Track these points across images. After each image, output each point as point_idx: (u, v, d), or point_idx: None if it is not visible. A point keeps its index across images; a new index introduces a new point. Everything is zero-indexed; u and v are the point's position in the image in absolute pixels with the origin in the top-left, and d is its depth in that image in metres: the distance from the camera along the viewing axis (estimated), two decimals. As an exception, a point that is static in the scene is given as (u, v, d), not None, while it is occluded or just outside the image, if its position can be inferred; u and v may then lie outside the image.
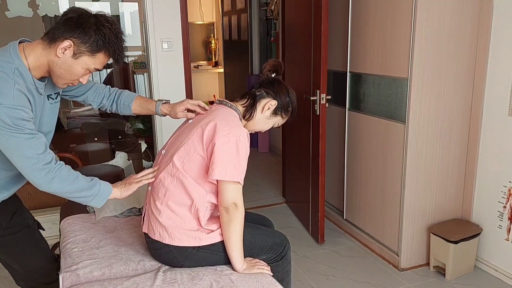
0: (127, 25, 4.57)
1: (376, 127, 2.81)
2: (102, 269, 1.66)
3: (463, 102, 2.61)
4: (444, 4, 2.40)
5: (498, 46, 2.45)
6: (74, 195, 1.50)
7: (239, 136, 1.54)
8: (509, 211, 2.49)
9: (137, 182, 1.65)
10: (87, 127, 3.87)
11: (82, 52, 1.38)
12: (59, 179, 1.44)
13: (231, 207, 1.55)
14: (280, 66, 1.81)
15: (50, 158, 1.43)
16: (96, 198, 1.53)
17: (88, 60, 1.41)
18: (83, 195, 1.51)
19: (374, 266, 2.78)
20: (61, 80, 1.45)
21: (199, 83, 6.44)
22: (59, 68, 1.41)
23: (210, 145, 1.54)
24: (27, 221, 1.80)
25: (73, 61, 1.40)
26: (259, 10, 5.51)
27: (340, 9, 3.05)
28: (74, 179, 1.48)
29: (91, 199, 1.53)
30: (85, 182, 1.51)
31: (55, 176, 1.43)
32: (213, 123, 1.57)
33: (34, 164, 1.39)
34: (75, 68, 1.41)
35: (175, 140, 1.70)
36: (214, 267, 1.66)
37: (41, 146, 1.41)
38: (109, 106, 1.85)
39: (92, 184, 1.53)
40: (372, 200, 2.93)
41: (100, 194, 1.54)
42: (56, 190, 1.46)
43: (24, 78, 1.39)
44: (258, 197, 3.94)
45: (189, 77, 3.19)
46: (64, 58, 1.39)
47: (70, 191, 1.48)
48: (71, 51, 1.38)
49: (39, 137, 1.41)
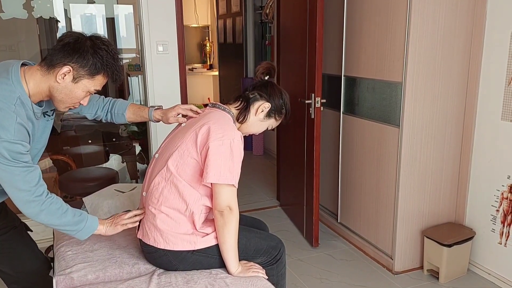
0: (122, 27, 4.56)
1: (371, 131, 2.82)
2: (96, 272, 1.65)
3: (457, 107, 2.63)
4: (438, 9, 2.42)
5: (491, 50, 2.47)
6: (60, 229, 1.55)
7: (233, 139, 1.54)
8: (502, 214, 2.51)
9: (122, 225, 1.66)
10: (81, 129, 3.85)
11: (82, 76, 1.41)
12: (48, 212, 1.47)
13: (225, 211, 1.55)
14: (273, 68, 1.82)
15: (42, 190, 1.45)
16: (80, 233, 1.57)
17: (88, 83, 1.43)
18: (68, 229, 1.55)
19: (368, 269, 2.79)
20: (63, 104, 1.47)
21: (194, 86, 6.44)
22: (60, 93, 1.43)
23: (204, 148, 1.54)
24: (13, 223, 1.79)
25: (74, 86, 1.42)
26: (254, 13, 5.53)
27: (335, 13, 3.06)
28: (62, 213, 1.51)
29: (75, 233, 1.56)
30: (72, 217, 1.54)
31: (44, 209, 1.46)
32: (207, 126, 1.57)
33: (25, 196, 1.42)
34: (75, 92, 1.43)
35: (169, 144, 1.69)
36: (209, 271, 1.65)
37: (35, 178, 1.43)
38: (104, 116, 1.87)
39: (78, 220, 1.55)
40: (366, 203, 2.94)
41: (85, 230, 1.58)
42: (43, 222, 1.49)
43: (25, 106, 1.41)
44: (252, 200, 3.94)
45: (184, 80, 3.18)
46: (64, 83, 1.41)
47: (56, 224, 1.52)
48: (70, 76, 1.40)
49: (34, 169, 1.43)
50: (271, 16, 4.80)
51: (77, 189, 2.93)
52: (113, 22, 4.47)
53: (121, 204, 2.15)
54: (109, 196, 2.21)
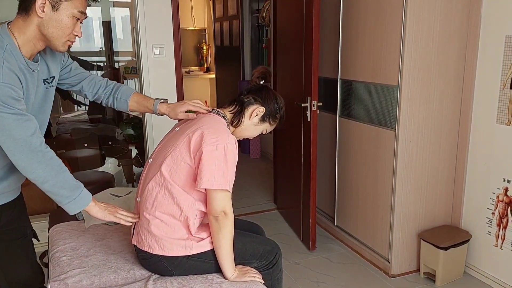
0: (118, 30, 4.56)
1: (367, 134, 2.82)
2: (91, 278, 1.64)
3: (452, 110, 2.63)
4: (433, 12, 2.43)
5: (486, 54, 2.48)
6: (53, 190, 1.43)
7: (227, 143, 1.53)
8: (497, 217, 2.52)
9: (115, 217, 1.60)
10: (77, 132, 3.84)
11: (59, 0, 1.39)
12: (45, 167, 1.39)
13: (220, 216, 1.54)
14: (269, 73, 1.82)
15: (39, 141, 1.39)
16: (72, 202, 1.47)
17: (69, 5, 1.40)
18: (62, 194, 1.45)
19: (365, 272, 2.79)
20: (58, 40, 1.43)
21: (191, 89, 6.43)
22: (48, 28, 1.40)
23: (198, 153, 1.53)
24: (25, 230, 1.76)
25: (57, 14, 1.39)
26: (251, 16, 5.53)
27: (331, 17, 3.07)
28: (60, 171, 1.43)
29: (67, 201, 1.46)
30: (70, 180, 1.46)
31: (43, 162, 1.39)
32: (200, 131, 1.56)
33: (21, 147, 1.36)
34: (62, 20, 1.40)
35: (162, 148, 1.68)
36: (205, 275, 1.65)
37: (31, 127, 1.38)
38: (105, 98, 1.81)
39: (76, 186, 1.48)
40: (363, 206, 2.94)
41: (78, 200, 1.48)
42: (38, 178, 1.40)
43: (15, 56, 1.38)
44: (249, 204, 3.93)
45: (180, 83, 3.18)
46: (47, 16, 1.39)
47: (52, 183, 1.42)
48: (48, 5, 1.38)
49: (29, 118, 1.38)
50: (268, 19, 4.81)
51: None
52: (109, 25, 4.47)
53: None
54: (105, 201, 2.17)
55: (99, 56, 4.54)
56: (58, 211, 2.11)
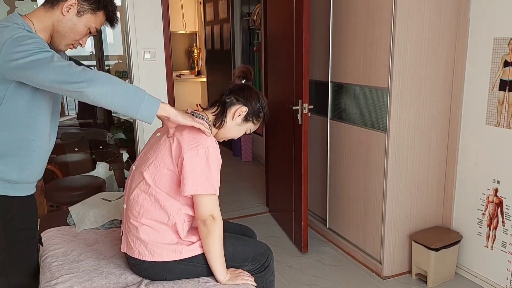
0: (109, 33, 4.53)
1: (358, 136, 2.84)
2: (82, 284, 1.62)
3: (442, 111, 2.66)
4: (422, 15, 2.45)
5: (475, 56, 2.51)
6: (122, 98, 1.30)
7: (207, 147, 1.51)
8: (488, 218, 2.54)
9: (194, 121, 1.46)
10: (67, 137, 3.80)
11: (85, 10, 1.49)
12: (103, 80, 1.29)
13: (208, 220, 1.53)
14: (250, 72, 1.79)
15: (81, 67, 1.31)
16: (146, 102, 1.32)
17: (91, 18, 1.51)
18: (134, 95, 1.31)
19: (357, 274, 2.79)
20: (65, 40, 1.52)
21: (182, 92, 6.42)
22: (64, 27, 1.49)
23: (179, 159, 1.50)
24: (34, 233, 1.73)
25: (77, 19, 1.49)
26: (242, 20, 5.54)
27: (321, 20, 3.09)
28: (117, 80, 1.32)
29: (140, 103, 1.31)
30: (126, 84, 1.35)
31: (96, 76, 1.29)
32: (180, 137, 1.53)
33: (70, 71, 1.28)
34: (79, 26, 1.50)
35: (144, 155, 1.65)
36: (197, 279, 1.64)
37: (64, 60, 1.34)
38: None
39: (134, 87, 1.36)
40: (354, 208, 2.95)
41: (148, 100, 1.33)
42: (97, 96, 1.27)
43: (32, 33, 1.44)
44: (241, 207, 3.93)
45: (171, 87, 3.17)
46: (69, 16, 1.48)
47: (121, 92, 1.30)
48: (75, 9, 1.48)
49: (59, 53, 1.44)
50: (258, 23, 4.82)
51: (63, 198, 2.90)
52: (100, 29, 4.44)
53: (107, 213, 2.13)
54: (96, 205, 2.18)
55: (89, 60, 4.51)
56: (49, 216, 2.09)
